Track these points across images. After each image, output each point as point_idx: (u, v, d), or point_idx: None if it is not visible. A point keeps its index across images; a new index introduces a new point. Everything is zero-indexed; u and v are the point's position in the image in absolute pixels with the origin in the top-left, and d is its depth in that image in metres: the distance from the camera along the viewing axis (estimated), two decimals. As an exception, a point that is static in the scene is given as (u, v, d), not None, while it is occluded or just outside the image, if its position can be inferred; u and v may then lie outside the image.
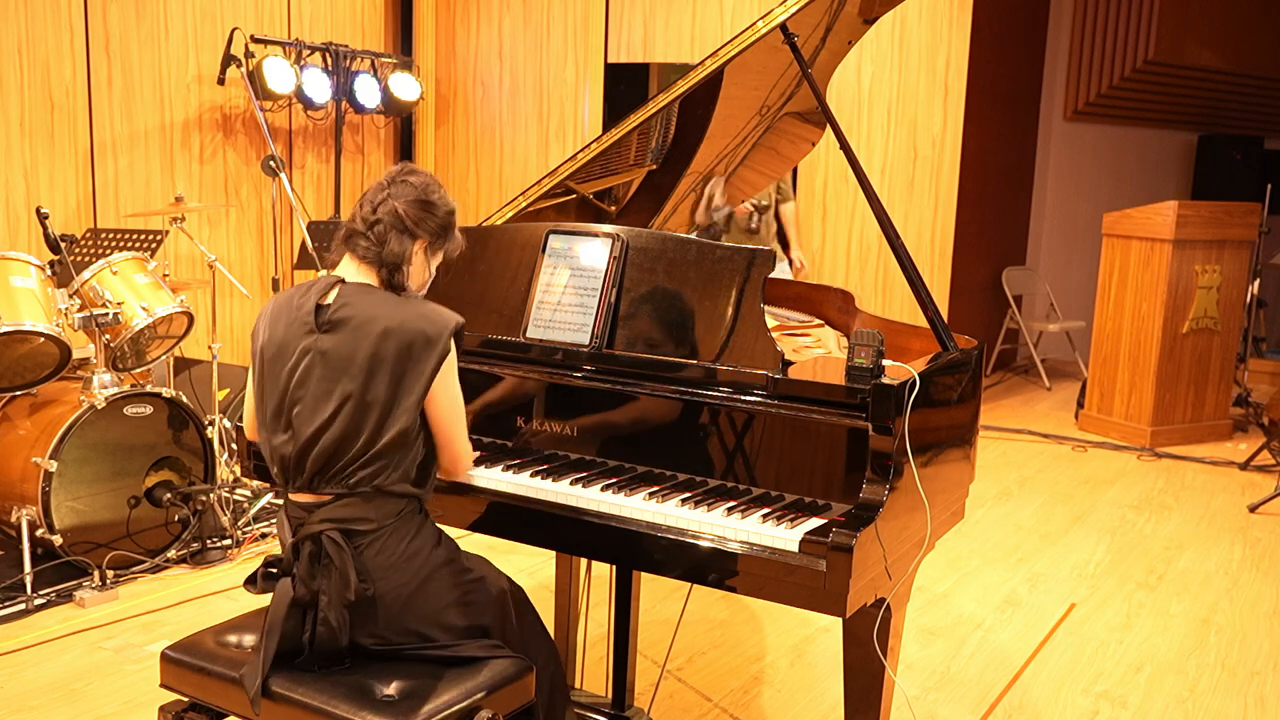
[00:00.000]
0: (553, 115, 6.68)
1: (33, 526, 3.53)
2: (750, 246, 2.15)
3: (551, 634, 2.64)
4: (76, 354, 3.74)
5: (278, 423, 1.98)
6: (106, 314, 3.70)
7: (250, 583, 2.03)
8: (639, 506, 2.02)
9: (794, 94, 2.90)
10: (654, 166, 2.90)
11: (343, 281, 2.01)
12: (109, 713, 2.86)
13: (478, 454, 2.27)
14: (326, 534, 1.91)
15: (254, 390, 2.06)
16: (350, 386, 1.92)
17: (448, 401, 1.99)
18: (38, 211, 3.73)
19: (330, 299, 1.98)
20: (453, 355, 1.97)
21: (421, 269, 2.06)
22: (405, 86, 6.44)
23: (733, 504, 2.01)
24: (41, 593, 3.50)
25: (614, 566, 2.59)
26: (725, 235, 3.85)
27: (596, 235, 2.29)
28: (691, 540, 1.94)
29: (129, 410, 3.72)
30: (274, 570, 2.00)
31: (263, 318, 2.05)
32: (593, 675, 3.07)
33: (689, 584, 2.29)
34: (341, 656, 1.95)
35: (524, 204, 2.63)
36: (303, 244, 4.77)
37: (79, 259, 3.98)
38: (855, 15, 2.80)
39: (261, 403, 2.02)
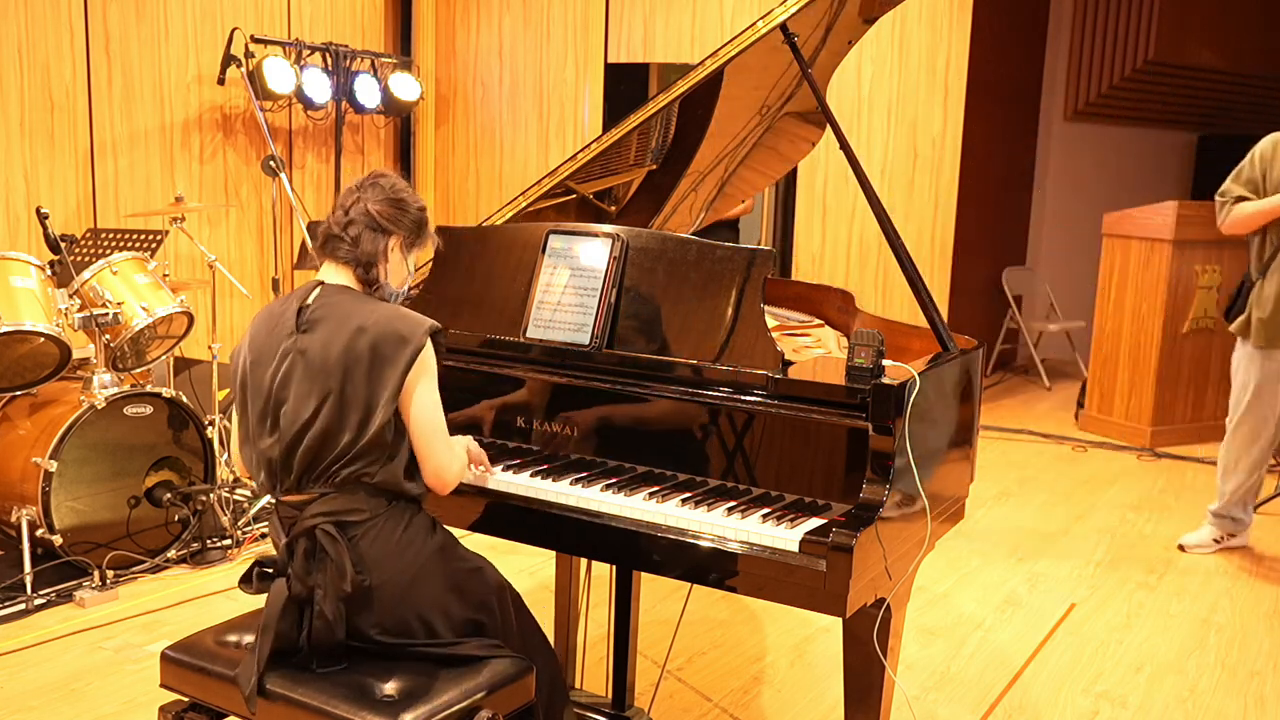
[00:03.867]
0: (553, 115, 6.67)
1: (33, 526, 3.53)
2: (750, 246, 2.15)
3: (551, 634, 2.65)
4: (76, 354, 3.74)
5: (263, 427, 1.99)
6: (106, 314, 3.70)
7: (245, 581, 2.03)
8: (639, 506, 2.02)
9: (794, 94, 2.90)
10: (654, 166, 2.90)
11: (323, 284, 2.04)
12: (109, 713, 2.86)
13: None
14: (320, 527, 1.92)
15: (238, 411, 2.07)
16: (330, 384, 1.93)
17: (423, 408, 1.97)
18: (38, 211, 3.73)
19: (311, 300, 2.01)
20: (428, 358, 1.96)
21: (400, 266, 2.08)
22: (405, 86, 6.43)
23: (733, 504, 2.01)
24: (41, 593, 3.50)
25: (614, 566, 2.59)
26: None
27: (596, 235, 2.29)
28: (691, 540, 1.94)
29: (129, 410, 3.72)
30: (269, 570, 2.00)
31: (243, 342, 2.07)
32: (593, 675, 3.07)
33: (689, 584, 2.29)
34: (339, 653, 1.95)
35: (524, 204, 2.63)
36: (303, 244, 4.77)
37: (79, 259, 3.97)
38: (855, 15, 2.80)
39: (245, 416, 2.03)
